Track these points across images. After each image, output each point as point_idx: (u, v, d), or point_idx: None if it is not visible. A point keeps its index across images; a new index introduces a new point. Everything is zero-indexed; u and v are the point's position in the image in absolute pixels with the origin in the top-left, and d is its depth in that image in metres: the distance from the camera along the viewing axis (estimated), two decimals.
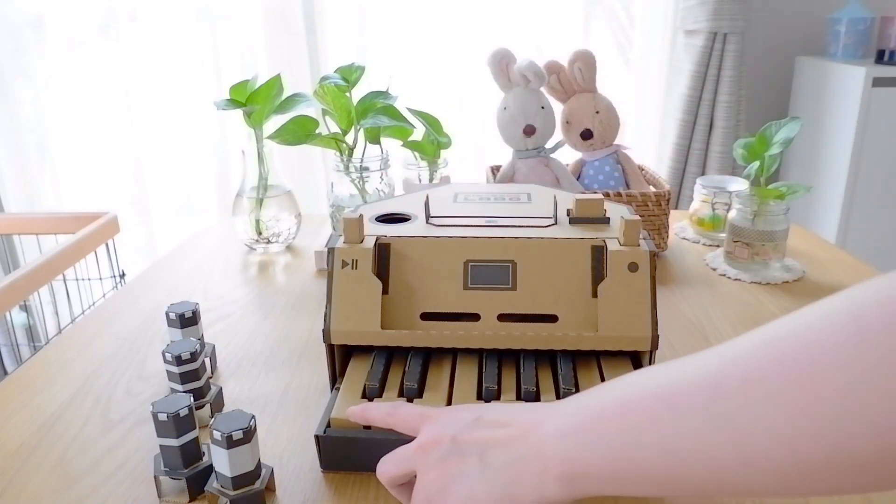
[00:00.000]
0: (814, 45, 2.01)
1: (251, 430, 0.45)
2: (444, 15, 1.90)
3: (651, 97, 2.01)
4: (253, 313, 0.79)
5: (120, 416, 0.59)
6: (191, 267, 0.94)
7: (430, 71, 1.92)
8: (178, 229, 2.04)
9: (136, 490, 0.50)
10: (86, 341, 0.73)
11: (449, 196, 0.67)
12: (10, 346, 1.42)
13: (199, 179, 2.04)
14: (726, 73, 1.85)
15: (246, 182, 0.96)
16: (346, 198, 0.91)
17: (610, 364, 0.55)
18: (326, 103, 0.88)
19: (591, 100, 0.95)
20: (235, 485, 0.46)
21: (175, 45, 1.89)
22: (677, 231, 1.02)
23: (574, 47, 0.95)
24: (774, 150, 0.86)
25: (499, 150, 0.97)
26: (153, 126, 1.97)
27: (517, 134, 0.91)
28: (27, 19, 1.88)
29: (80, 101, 1.95)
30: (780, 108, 2.06)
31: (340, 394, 0.52)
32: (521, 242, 0.55)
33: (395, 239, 0.56)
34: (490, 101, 0.95)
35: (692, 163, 1.95)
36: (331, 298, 0.54)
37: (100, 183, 2.03)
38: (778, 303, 0.78)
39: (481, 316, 0.54)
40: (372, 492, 0.49)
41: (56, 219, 1.36)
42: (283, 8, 1.85)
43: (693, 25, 1.84)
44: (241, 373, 0.66)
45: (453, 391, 0.53)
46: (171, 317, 0.62)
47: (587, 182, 0.96)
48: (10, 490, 0.50)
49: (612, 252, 0.53)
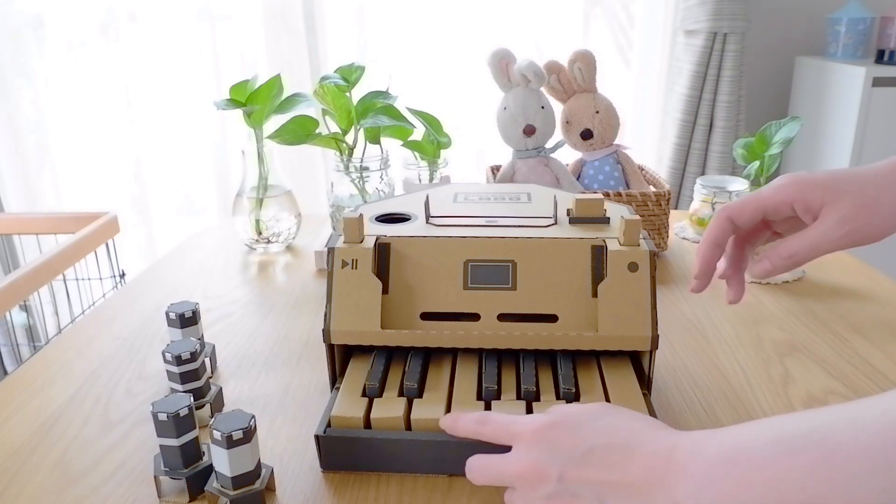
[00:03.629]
0: (814, 45, 2.01)
1: (251, 430, 0.45)
2: (444, 15, 1.90)
3: (651, 97, 2.01)
4: (253, 313, 0.79)
5: (120, 416, 0.59)
6: (191, 267, 0.94)
7: (430, 71, 1.92)
8: (178, 229, 2.04)
9: (136, 490, 0.50)
10: (86, 341, 0.73)
11: (449, 196, 0.67)
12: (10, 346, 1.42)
13: (199, 179, 2.04)
14: (726, 73, 1.85)
15: (246, 182, 0.96)
16: (346, 198, 0.91)
17: (610, 364, 0.55)
18: (326, 103, 0.88)
19: (591, 100, 0.95)
20: (235, 485, 0.46)
21: (175, 45, 1.89)
22: (677, 231, 1.02)
23: (574, 47, 0.95)
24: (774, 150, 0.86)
25: (499, 150, 0.97)
26: (153, 126, 1.97)
27: (517, 134, 0.91)
28: (27, 19, 1.88)
29: (80, 101, 1.95)
30: (780, 108, 2.06)
31: (340, 394, 0.52)
32: (521, 242, 0.55)
33: (395, 239, 0.56)
34: (490, 101, 0.95)
35: (692, 163, 1.95)
36: (331, 298, 0.54)
37: (100, 183, 2.03)
38: (778, 303, 0.78)
39: (481, 316, 0.54)
40: (372, 492, 0.49)
41: (56, 219, 1.36)
42: (283, 8, 1.85)
43: (693, 25, 1.84)
44: (241, 373, 0.66)
45: (453, 391, 0.53)
46: (171, 317, 0.62)
47: (587, 182, 0.96)
48: (10, 490, 0.50)
49: (612, 252, 0.53)
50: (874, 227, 0.47)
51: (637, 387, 0.53)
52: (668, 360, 0.66)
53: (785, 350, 0.68)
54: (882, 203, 0.47)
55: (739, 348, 0.68)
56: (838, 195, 0.47)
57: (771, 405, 0.59)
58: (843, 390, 0.61)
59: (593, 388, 0.53)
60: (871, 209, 0.47)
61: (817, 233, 0.48)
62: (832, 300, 0.79)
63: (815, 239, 0.48)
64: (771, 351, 0.68)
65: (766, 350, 0.68)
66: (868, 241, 0.48)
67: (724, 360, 0.66)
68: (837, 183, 0.48)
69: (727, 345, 0.69)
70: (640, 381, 0.54)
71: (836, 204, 0.47)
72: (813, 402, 0.59)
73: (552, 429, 0.40)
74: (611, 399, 0.51)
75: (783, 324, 0.73)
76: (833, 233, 0.47)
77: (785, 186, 0.49)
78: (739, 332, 0.72)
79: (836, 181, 0.48)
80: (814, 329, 0.72)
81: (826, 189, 0.48)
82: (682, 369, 0.65)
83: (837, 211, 0.47)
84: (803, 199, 0.48)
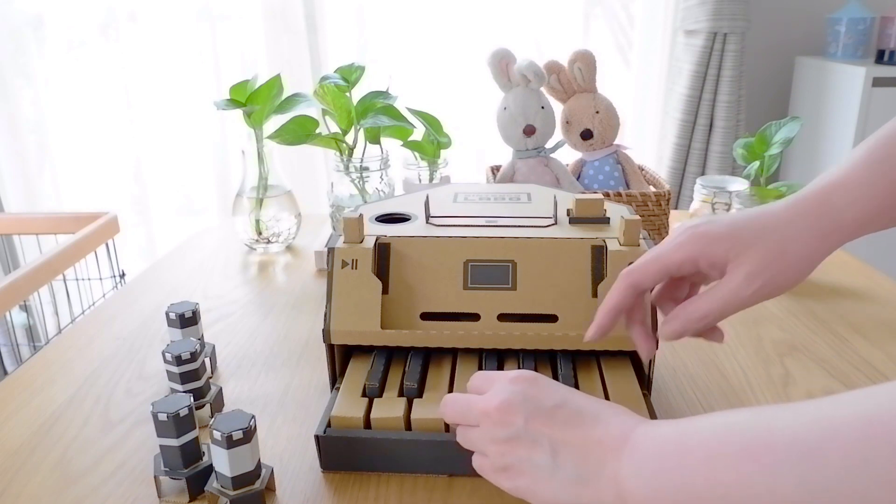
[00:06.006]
0: (814, 44, 2.01)
1: (251, 430, 0.45)
2: (444, 14, 1.90)
3: (651, 97, 2.01)
4: (253, 313, 0.79)
5: (120, 416, 0.59)
6: (191, 267, 0.94)
7: (430, 71, 1.92)
8: (178, 229, 2.04)
9: (136, 490, 0.50)
10: (86, 341, 0.73)
11: (449, 196, 0.67)
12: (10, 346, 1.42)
13: (199, 179, 2.04)
14: (726, 73, 1.85)
15: (246, 182, 0.96)
16: (346, 198, 0.91)
17: (610, 364, 0.55)
18: (326, 103, 0.88)
19: (591, 100, 0.95)
20: (235, 485, 0.46)
21: (175, 45, 1.89)
22: None
23: (574, 47, 0.95)
24: (774, 150, 0.86)
25: (499, 150, 0.97)
26: (153, 126, 1.97)
27: (517, 134, 0.91)
28: (27, 19, 1.88)
29: (80, 101, 1.95)
30: (780, 108, 2.06)
31: (340, 394, 0.52)
32: (521, 242, 0.55)
33: (395, 239, 0.56)
34: (490, 101, 0.95)
35: (692, 163, 1.95)
36: (331, 298, 0.54)
37: (100, 183, 2.03)
38: (778, 303, 0.78)
39: (481, 316, 0.54)
40: (372, 492, 0.49)
41: (56, 219, 1.36)
42: (283, 8, 1.85)
43: (693, 25, 1.84)
44: (241, 373, 0.66)
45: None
46: (171, 317, 0.62)
47: (587, 182, 0.96)
48: (10, 490, 0.50)
49: (612, 252, 0.53)
50: (784, 277, 0.45)
51: (637, 387, 0.53)
52: (668, 360, 0.66)
53: (785, 350, 0.68)
54: (788, 252, 0.45)
55: (739, 348, 0.68)
56: (742, 249, 0.45)
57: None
58: (843, 390, 0.60)
59: (593, 388, 0.53)
60: (778, 260, 0.45)
61: (726, 291, 0.45)
62: (832, 300, 0.79)
63: (725, 298, 0.45)
64: (771, 351, 0.68)
65: (766, 350, 0.68)
66: (781, 292, 0.46)
67: (724, 359, 0.66)
68: (740, 234, 0.45)
69: (727, 345, 0.69)
70: (640, 381, 0.54)
71: (740, 258, 0.45)
72: None
73: (530, 380, 0.41)
74: (611, 399, 0.51)
75: (783, 324, 0.73)
76: (742, 291, 0.45)
77: (685, 243, 0.46)
78: (739, 332, 0.72)
79: (738, 233, 0.45)
80: (814, 329, 0.72)
81: (729, 243, 0.45)
82: (682, 369, 0.65)
83: (744, 266, 0.45)
84: (706, 256, 0.46)
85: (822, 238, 0.46)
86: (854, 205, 0.46)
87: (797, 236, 0.45)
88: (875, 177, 0.46)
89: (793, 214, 0.46)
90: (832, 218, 0.46)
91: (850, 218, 0.46)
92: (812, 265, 0.46)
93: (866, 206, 0.46)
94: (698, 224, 0.47)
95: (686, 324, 0.47)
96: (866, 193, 0.46)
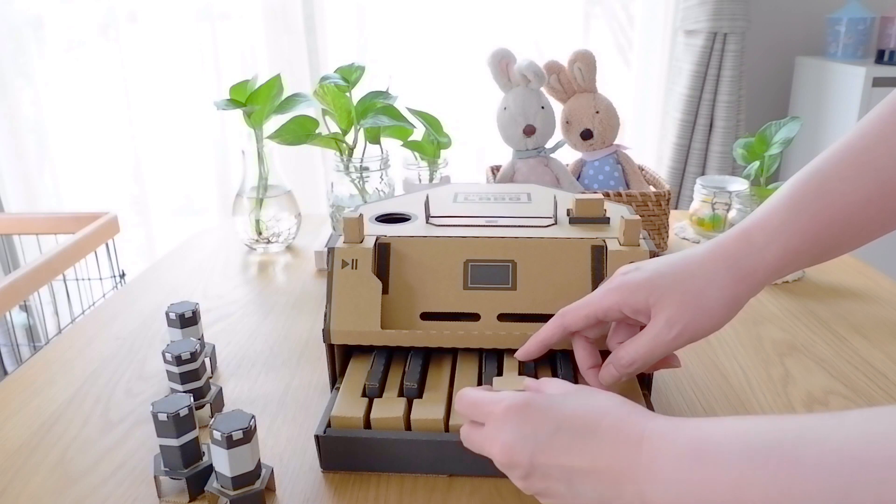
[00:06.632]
0: (814, 45, 2.01)
1: (251, 430, 0.45)
2: (444, 14, 1.90)
3: (651, 97, 2.01)
4: (253, 313, 0.79)
5: (120, 416, 0.59)
6: (191, 267, 0.94)
7: (430, 71, 1.92)
8: (178, 229, 2.04)
9: (136, 490, 0.50)
10: (86, 341, 0.73)
11: (449, 196, 0.67)
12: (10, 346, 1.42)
13: (199, 179, 2.04)
14: (726, 73, 1.85)
15: (246, 182, 0.96)
16: (346, 198, 0.91)
17: None
18: (326, 103, 0.88)
19: (591, 100, 0.95)
20: (235, 485, 0.46)
21: (175, 45, 1.89)
22: (677, 231, 1.02)
23: (574, 47, 0.95)
24: (774, 150, 0.86)
25: (499, 150, 0.97)
26: (153, 126, 1.98)
27: (517, 134, 0.91)
28: (27, 19, 1.88)
29: (80, 101, 1.95)
30: (780, 108, 2.06)
31: (340, 394, 0.52)
32: (521, 242, 0.55)
33: (395, 239, 0.56)
34: (490, 101, 0.95)
35: (692, 163, 1.95)
36: (331, 298, 0.54)
37: (100, 183, 2.03)
38: (778, 303, 0.78)
39: (481, 316, 0.54)
40: (372, 492, 0.49)
41: (56, 219, 1.36)
42: (283, 8, 1.85)
43: (693, 25, 1.84)
44: (241, 373, 0.66)
45: (453, 391, 0.53)
46: (171, 317, 0.62)
47: (587, 182, 0.96)
48: (10, 490, 0.50)
49: (612, 252, 0.53)
50: (706, 318, 0.46)
51: (637, 387, 0.53)
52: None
53: (785, 350, 0.68)
54: (705, 296, 0.45)
55: (739, 348, 0.68)
56: (661, 296, 0.45)
57: (771, 405, 0.59)
58: (843, 390, 0.61)
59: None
60: (696, 305, 0.45)
61: (649, 337, 0.46)
62: (832, 300, 0.79)
63: (649, 344, 0.46)
64: (771, 351, 0.68)
65: (766, 350, 0.68)
66: (706, 334, 0.46)
67: (724, 360, 0.66)
68: (658, 281, 0.46)
69: (727, 345, 0.69)
70: (640, 381, 0.54)
71: (660, 305, 0.45)
72: (813, 402, 0.59)
73: (521, 410, 0.40)
74: None
75: (783, 324, 0.73)
76: (664, 336, 0.45)
77: (611, 291, 0.47)
78: (739, 332, 0.72)
79: (657, 280, 0.46)
80: (814, 329, 0.72)
81: (648, 290, 0.46)
82: (682, 369, 0.64)
83: (663, 312, 0.45)
84: (628, 305, 0.46)
85: (740, 280, 0.46)
86: (774, 242, 0.46)
87: (714, 279, 0.46)
88: (796, 213, 0.46)
89: (712, 258, 0.47)
90: (752, 257, 0.46)
91: (771, 256, 0.46)
92: (733, 306, 0.47)
93: (787, 242, 0.46)
94: (627, 271, 0.48)
95: (619, 369, 0.48)
96: (788, 230, 0.46)
